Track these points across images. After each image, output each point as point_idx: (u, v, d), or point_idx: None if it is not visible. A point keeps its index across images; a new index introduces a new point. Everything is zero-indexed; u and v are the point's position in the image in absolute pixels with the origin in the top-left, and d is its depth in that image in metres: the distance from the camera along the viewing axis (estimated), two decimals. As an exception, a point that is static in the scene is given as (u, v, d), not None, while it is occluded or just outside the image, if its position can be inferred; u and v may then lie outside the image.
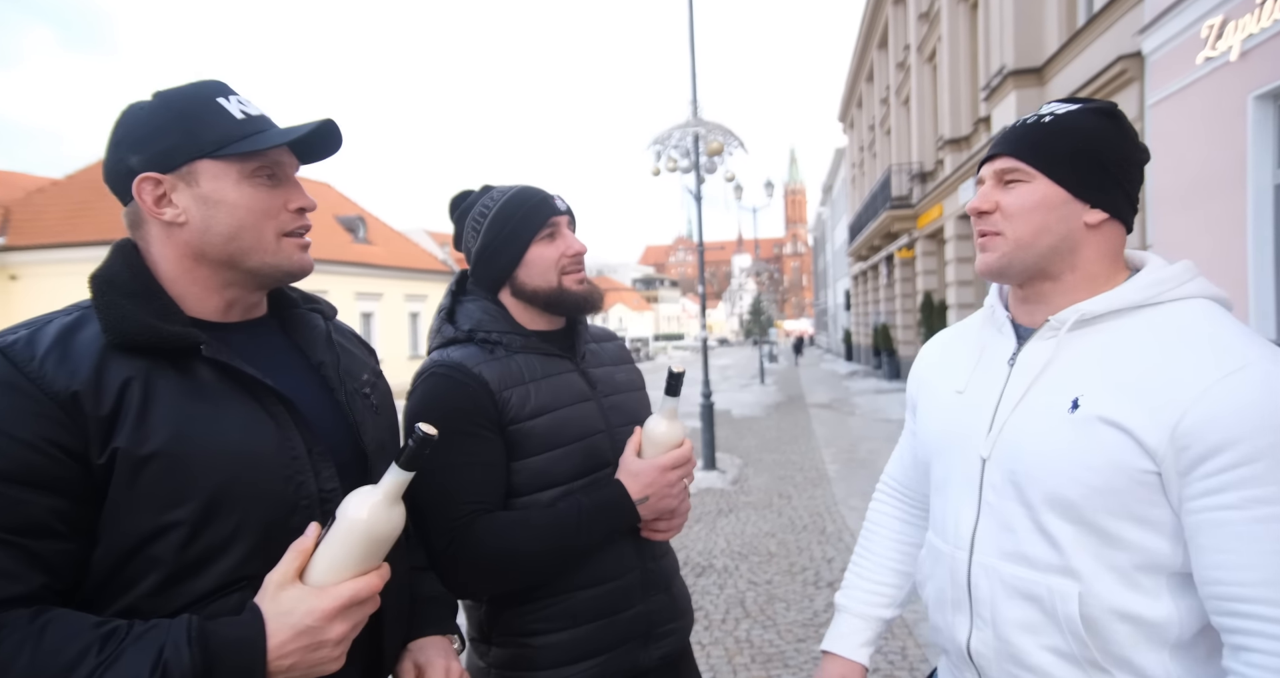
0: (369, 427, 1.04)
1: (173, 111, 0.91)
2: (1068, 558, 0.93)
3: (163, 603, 0.82)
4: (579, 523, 1.25)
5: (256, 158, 0.93)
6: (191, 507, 0.83)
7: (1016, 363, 1.02)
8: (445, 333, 1.36)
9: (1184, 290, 0.95)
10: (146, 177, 0.90)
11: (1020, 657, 0.97)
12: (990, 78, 11.16)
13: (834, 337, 44.35)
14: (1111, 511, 0.90)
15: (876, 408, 13.72)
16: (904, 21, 18.97)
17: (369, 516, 0.85)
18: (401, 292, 23.33)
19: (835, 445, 9.73)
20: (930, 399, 1.17)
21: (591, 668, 1.29)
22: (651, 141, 8.68)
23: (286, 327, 1.07)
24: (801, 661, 3.48)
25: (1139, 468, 0.87)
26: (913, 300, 19.12)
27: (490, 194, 1.40)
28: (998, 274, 1.03)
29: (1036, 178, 0.98)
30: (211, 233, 0.92)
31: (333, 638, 0.83)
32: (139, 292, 0.89)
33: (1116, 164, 0.97)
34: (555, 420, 1.31)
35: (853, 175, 31.52)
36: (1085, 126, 0.98)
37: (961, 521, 1.04)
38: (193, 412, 0.85)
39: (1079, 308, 0.96)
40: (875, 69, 23.86)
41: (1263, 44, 5.73)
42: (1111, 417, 0.89)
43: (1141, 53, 7.33)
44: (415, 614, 1.11)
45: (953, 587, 1.06)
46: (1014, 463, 0.97)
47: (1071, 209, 0.97)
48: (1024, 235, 0.99)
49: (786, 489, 7.18)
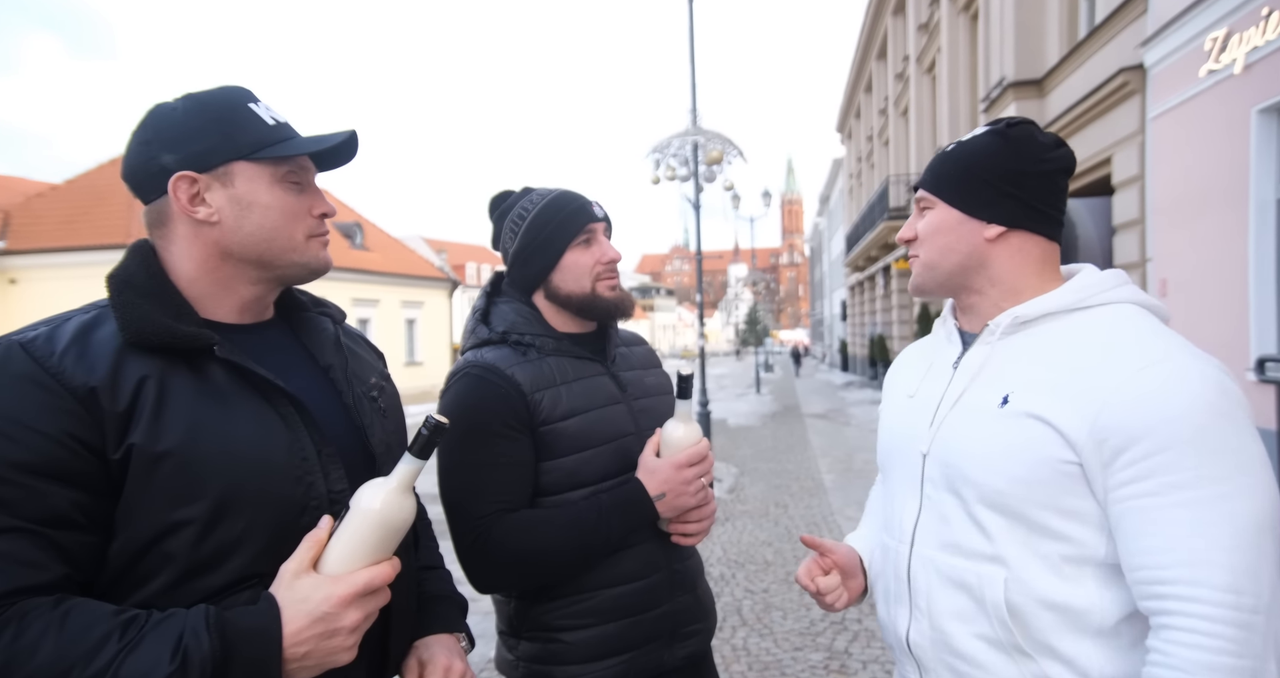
0: (376, 429, 1.06)
1: (209, 114, 0.96)
2: (998, 547, 0.97)
3: (177, 598, 0.84)
4: (599, 520, 1.28)
5: (287, 163, 0.99)
6: (203, 505, 0.85)
7: (959, 366, 1.08)
8: (479, 334, 1.39)
9: (1112, 296, 1.00)
10: (183, 175, 0.93)
11: (953, 645, 1.01)
12: (990, 89, 11.18)
13: (830, 347, 44.40)
14: (1038, 502, 0.94)
15: (872, 418, 13.67)
16: (903, 32, 19.07)
17: (382, 505, 0.87)
18: (398, 298, 23.30)
19: (831, 455, 9.70)
20: (887, 407, 1.24)
21: (617, 665, 1.32)
22: (651, 150, 8.67)
23: (296, 329, 1.09)
24: (799, 669, 3.46)
25: (1062, 459, 0.92)
26: (909, 311, 19.13)
27: (530, 196, 1.42)
28: (918, 291, 1.13)
29: (937, 204, 1.08)
30: (243, 233, 0.96)
31: (347, 625, 0.85)
32: (155, 292, 0.92)
33: (1006, 179, 1.03)
34: (586, 422, 1.34)
35: (850, 186, 31.63)
36: (973, 149, 1.06)
37: (905, 515, 1.10)
38: (205, 411, 0.88)
39: (1013, 312, 1.02)
40: (874, 80, 23.98)
41: (1267, 57, 5.72)
42: (1037, 411, 0.94)
43: (1144, 65, 7.33)
44: (423, 612, 1.13)
45: (895, 580, 1.11)
46: (948, 456, 1.03)
47: (969, 227, 1.05)
48: (932, 257, 1.09)
49: (783, 498, 7.13)
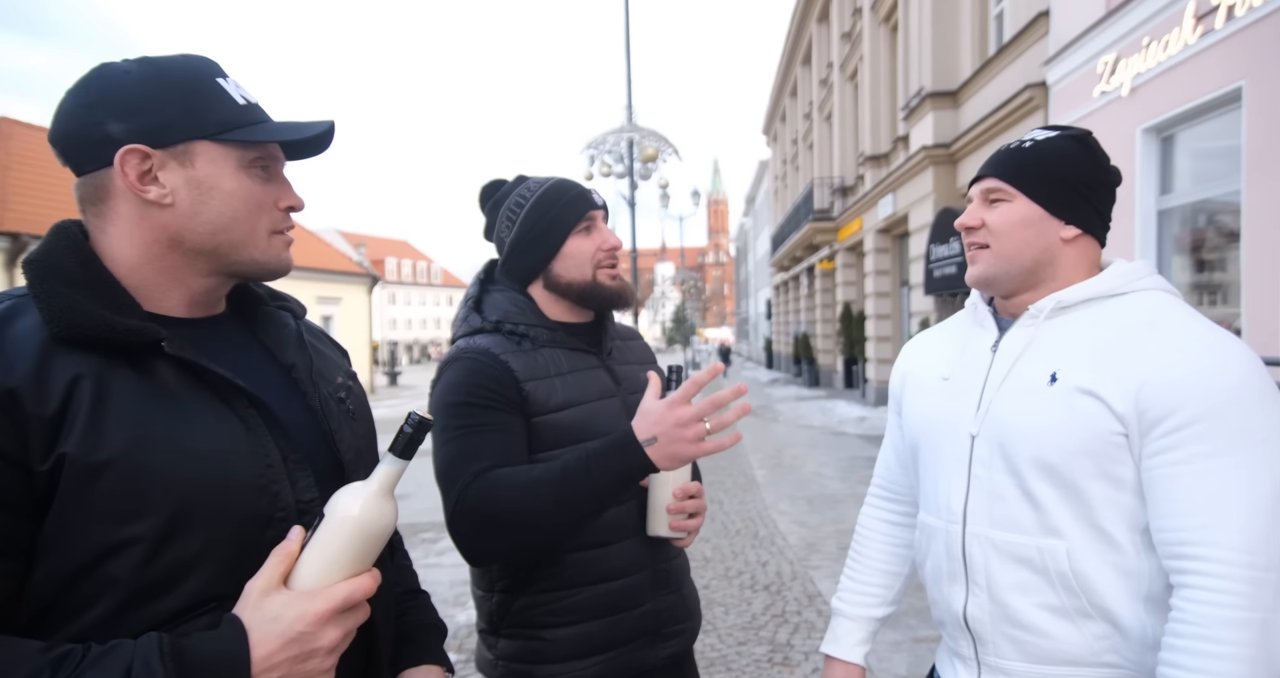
0: (345, 434, 0.97)
1: (170, 83, 0.84)
2: (1053, 520, 1.02)
3: (122, 628, 0.73)
4: (585, 468, 1.14)
5: (256, 148, 0.89)
6: (153, 520, 0.74)
7: (999, 348, 1.12)
8: (472, 322, 1.36)
9: (1144, 283, 1.08)
10: (134, 148, 0.82)
11: (1015, 616, 1.05)
12: (909, 98, 11.72)
13: (755, 345, 45.30)
14: (1089, 472, 1.00)
15: (799, 415, 14.12)
16: (827, 40, 19.67)
17: (361, 511, 0.79)
18: (313, 293, 22.45)
19: (762, 451, 9.96)
20: (916, 390, 1.25)
21: (599, 664, 1.30)
22: (586, 145, 8.71)
23: (252, 325, 0.99)
24: (743, 664, 3.55)
25: (1111, 430, 0.98)
26: (832, 311, 19.79)
27: (526, 184, 1.40)
28: (986, 284, 1.13)
29: (1017, 197, 1.10)
30: (199, 220, 0.85)
31: (325, 645, 0.76)
32: (87, 281, 0.80)
33: (1087, 185, 1.09)
34: (580, 415, 1.31)
35: (775, 188, 32.37)
36: (1060, 151, 1.09)
37: (953, 496, 1.12)
38: (153, 414, 0.77)
39: (1056, 296, 1.08)
40: (799, 84, 24.63)
41: (1149, 82, 6.26)
42: (1087, 386, 1.00)
43: (1046, 83, 7.87)
44: (408, 643, 1.06)
45: (948, 559, 1.13)
46: (1001, 435, 1.06)
47: (1048, 225, 1.09)
48: (1008, 249, 1.10)
49: (718, 495, 7.30)
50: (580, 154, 8.87)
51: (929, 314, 11.16)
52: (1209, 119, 5.87)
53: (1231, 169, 5.55)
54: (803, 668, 3.48)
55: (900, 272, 14.05)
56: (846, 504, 6.66)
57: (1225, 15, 5.37)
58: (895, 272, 14.30)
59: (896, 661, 3.46)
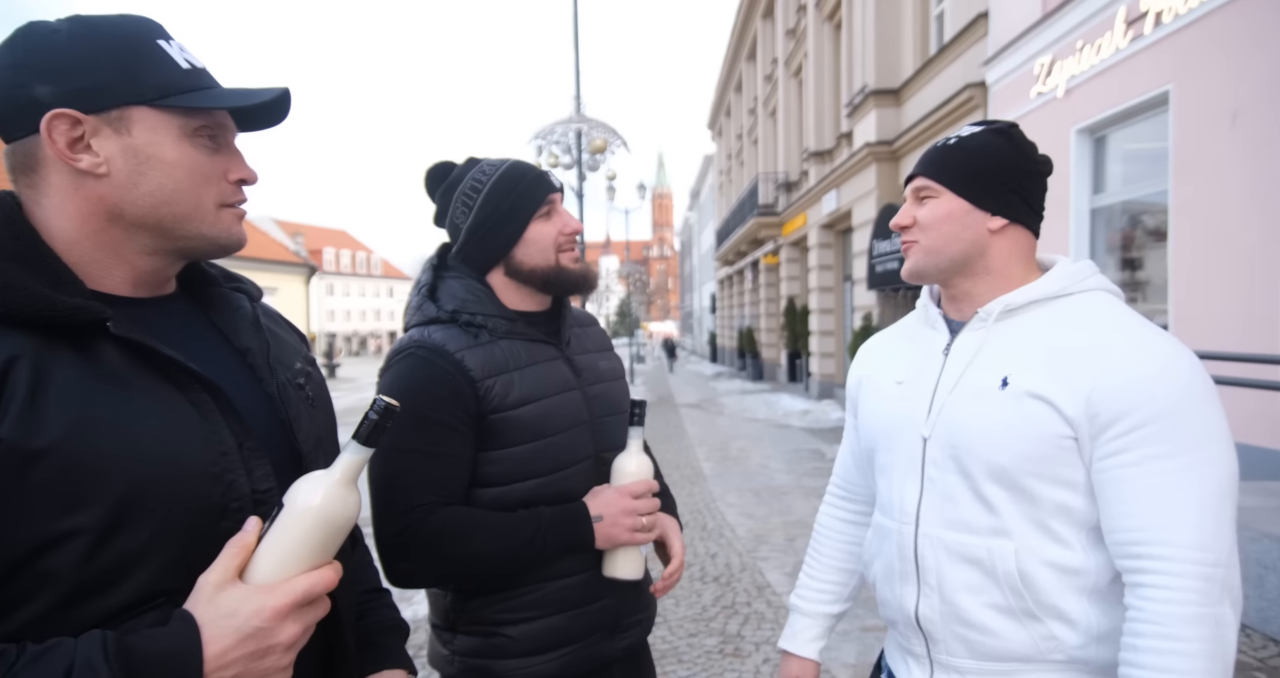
0: (305, 422, 0.93)
1: (103, 43, 0.79)
2: (1003, 520, 1.04)
3: (62, 626, 0.69)
4: (534, 534, 1.23)
5: (200, 116, 0.83)
6: (97, 510, 0.70)
7: (950, 352, 1.13)
8: (426, 311, 1.31)
9: (1088, 283, 1.10)
10: (62, 113, 0.76)
11: (964, 616, 1.07)
12: (853, 95, 11.91)
13: (699, 339, 45.67)
14: (1038, 474, 1.02)
15: (743, 408, 14.26)
16: (772, 36, 19.87)
17: (323, 500, 0.76)
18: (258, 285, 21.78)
19: (708, 444, 10.02)
20: (871, 393, 1.27)
21: (558, 658, 1.29)
22: (533, 136, 8.56)
23: (205, 307, 0.95)
24: (695, 655, 3.54)
25: (1060, 434, 1.00)
26: (776, 305, 20.06)
27: (480, 168, 1.35)
28: (916, 276, 1.17)
29: (943, 193, 1.13)
30: (138, 192, 0.80)
31: (283, 641, 0.73)
32: (22, 254, 0.75)
33: (1010, 175, 1.11)
34: (539, 410, 1.28)
35: (720, 182, 32.63)
36: (981, 144, 1.12)
37: (906, 498, 1.14)
38: (97, 399, 0.73)
39: (1003, 300, 1.09)
40: (744, 80, 24.83)
41: (1083, 84, 6.49)
42: (1037, 390, 1.01)
43: (986, 83, 8.08)
44: (373, 646, 1.03)
45: (900, 560, 1.14)
46: (954, 438, 1.08)
47: (975, 217, 1.11)
48: (936, 242, 1.13)
49: (664, 487, 7.28)
50: (528, 144, 8.73)
51: (871, 309, 11.39)
52: (1139, 121, 6.12)
53: (1159, 170, 5.79)
54: (753, 658, 3.49)
55: (843, 267, 14.30)
56: (793, 496, 6.72)
57: (1154, 21, 5.58)
58: (839, 267, 14.56)
59: (846, 650, 3.49)
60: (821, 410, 12.63)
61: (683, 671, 3.38)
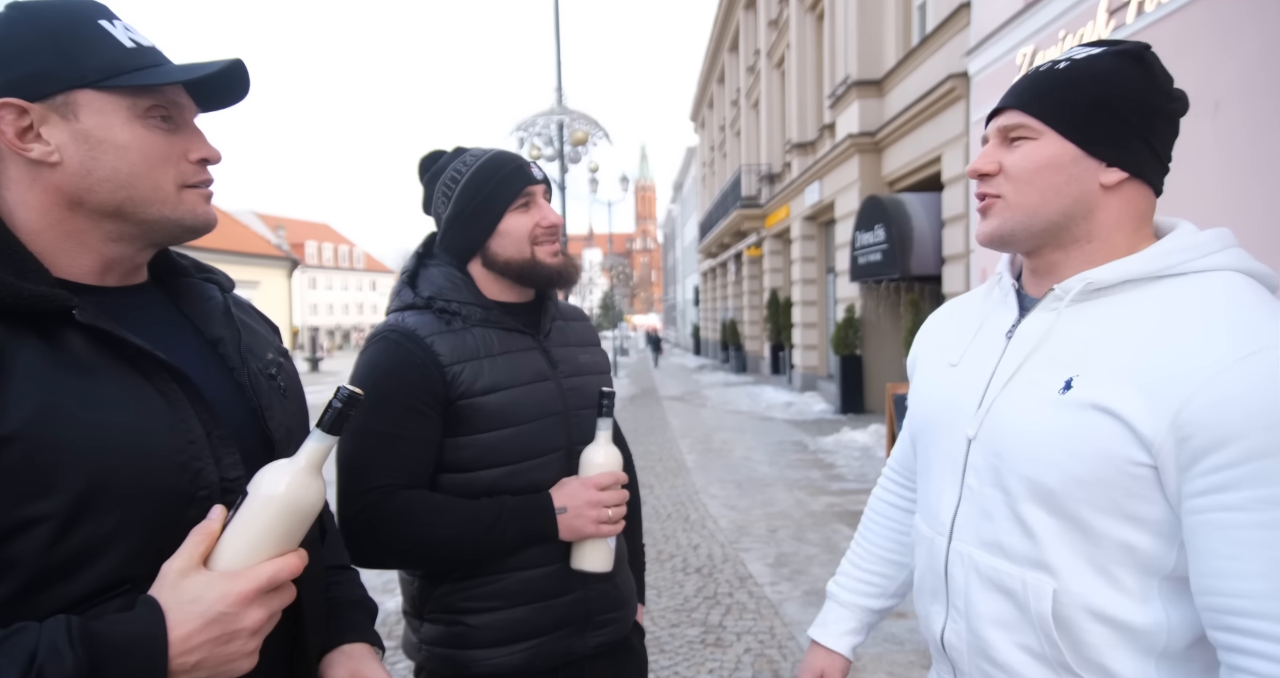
0: (276, 411, 0.93)
1: (42, 29, 0.78)
2: (1045, 552, 0.84)
3: (24, 612, 0.69)
4: (496, 521, 1.22)
5: (150, 95, 0.81)
6: (61, 498, 0.70)
7: (1014, 336, 0.93)
8: (404, 297, 1.33)
9: (1210, 261, 0.84)
10: (7, 102, 0.76)
11: (991, 653, 0.90)
12: (835, 86, 11.89)
13: (682, 331, 45.75)
14: (1097, 504, 0.81)
15: (726, 400, 14.29)
16: (754, 27, 19.82)
17: (287, 488, 0.77)
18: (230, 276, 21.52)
19: (691, 436, 10.01)
20: (924, 372, 1.09)
21: (525, 650, 1.27)
22: (515, 127, 8.48)
23: (175, 297, 0.94)
24: (677, 645, 3.54)
25: (1131, 460, 0.78)
26: (759, 297, 20.09)
27: (463, 157, 1.35)
28: (999, 243, 0.92)
29: (1045, 133, 0.87)
30: (94, 178, 0.79)
31: (248, 626, 0.73)
32: None
33: (1138, 114, 0.85)
34: (508, 398, 1.27)
35: (703, 174, 32.59)
36: (1102, 73, 0.86)
37: (943, 504, 0.97)
38: (63, 387, 0.73)
39: (1085, 276, 0.86)
40: (726, 71, 24.78)
41: (1067, 73, 6.49)
42: (1105, 403, 0.80)
43: (968, 73, 8.08)
44: (336, 620, 1.03)
45: (931, 574, 0.99)
46: (997, 445, 0.89)
47: (1084, 167, 0.86)
48: (1030, 199, 0.88)
49: (648, 479, 7.28)
50: (509, 136, 8.65)
51: (854, 301, 11.41)
52: (1119, 111, 6.12)
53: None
54: (735, 649, 3.48)
55: (826, 258, 14.32)
56: (775, 488, 6.70)
57: (1136, 10, 5.58)
58: (821, 258, 14.57)
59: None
60: (804, 403, 12.66)
61: (665, 660, 3.36)
